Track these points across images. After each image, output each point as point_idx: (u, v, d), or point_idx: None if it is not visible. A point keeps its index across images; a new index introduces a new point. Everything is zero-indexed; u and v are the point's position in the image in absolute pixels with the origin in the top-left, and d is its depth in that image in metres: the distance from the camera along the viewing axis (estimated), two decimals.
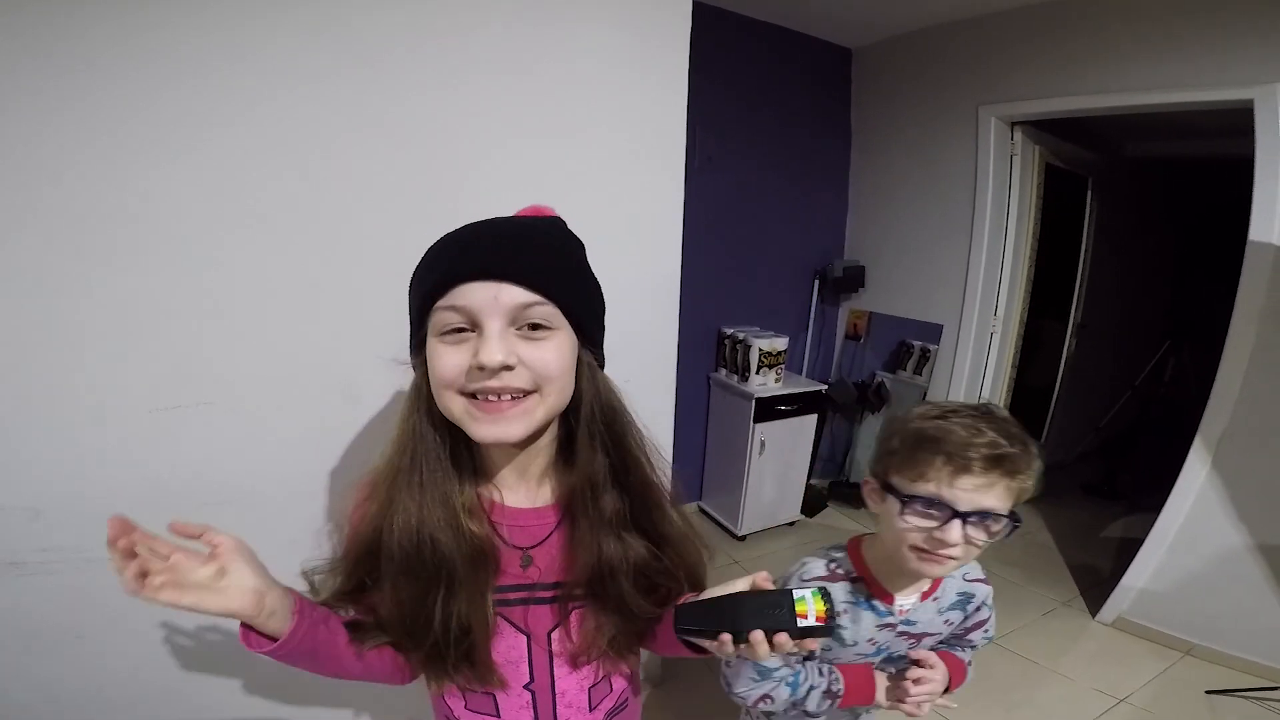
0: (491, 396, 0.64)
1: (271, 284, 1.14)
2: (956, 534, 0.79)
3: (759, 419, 2.90)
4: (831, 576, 0.97)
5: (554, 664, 0.79)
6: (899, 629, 0.96)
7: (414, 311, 0.69)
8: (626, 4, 1.40)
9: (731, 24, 2.87)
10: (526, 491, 0.77)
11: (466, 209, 1.24)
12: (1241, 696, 2.01)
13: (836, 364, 3.63)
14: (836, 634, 0.94)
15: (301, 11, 1.09)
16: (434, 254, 0.68)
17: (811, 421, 3.10)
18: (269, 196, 1.11)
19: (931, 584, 0.96)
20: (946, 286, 3.06)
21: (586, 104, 1.39)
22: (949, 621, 1.00)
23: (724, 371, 3.10)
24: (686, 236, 1.61)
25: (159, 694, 1.20)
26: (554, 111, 1.35)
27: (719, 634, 0.64)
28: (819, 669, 0.98)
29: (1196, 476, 2.23)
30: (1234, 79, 2.07)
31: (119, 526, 0.59)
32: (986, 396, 3.10)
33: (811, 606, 0.63)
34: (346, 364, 1.22)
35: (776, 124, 3.12)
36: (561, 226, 0.74)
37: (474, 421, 0.65)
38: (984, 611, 1.02)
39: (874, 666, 1.01)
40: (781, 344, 2.94)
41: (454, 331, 0.64)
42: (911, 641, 0.99)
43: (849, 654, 0.97)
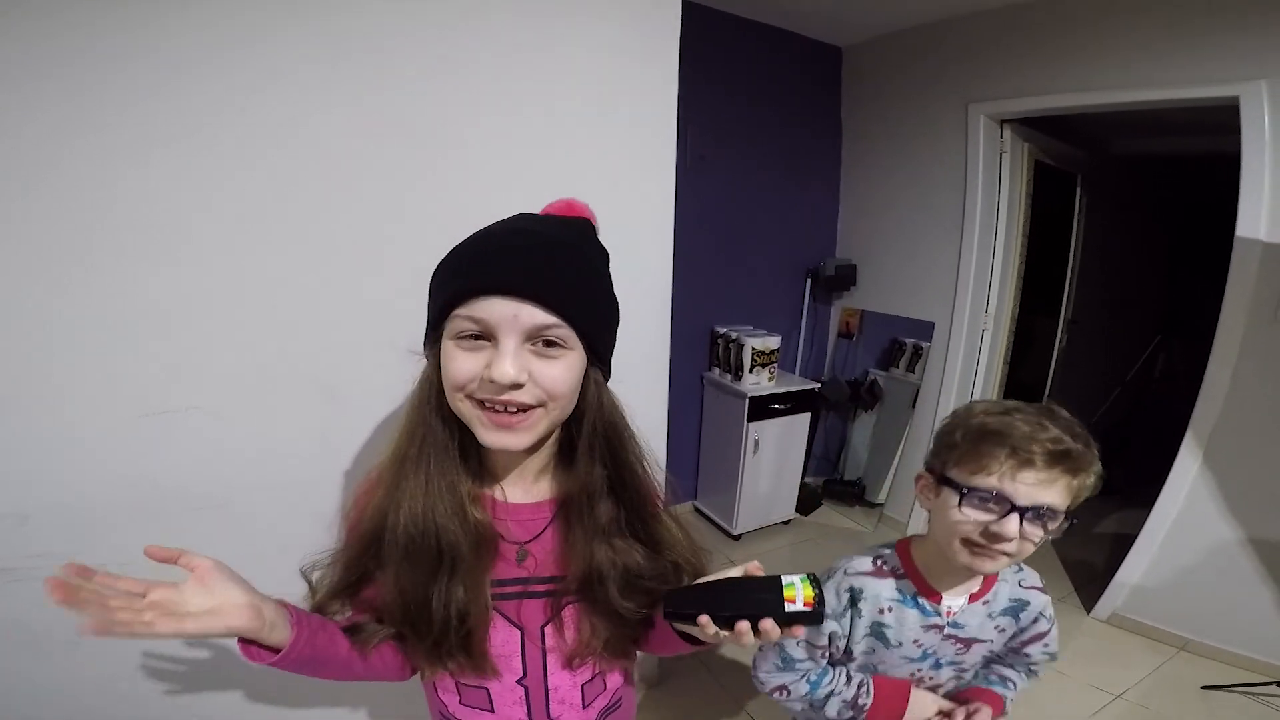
0: (498, 408, 0.65)
1: (259, 287, 1.12)
2: (1013, 528, 0.78)
3: (753, 418, 2.90)
4: (878, 572, 0.96)
5: (546, 659, 0.80)
6: (946, 631, 0.94)
7: (433, 309, 0.69)
8: (616, 3, 1.39)
9: (722, 23, 2.86)
10: (523, 488, 0.78)
11: (454, 209, 1.24)
12: (1237, 691, 2.02)
13: (829, 362, 3.63)
14: (881, 632, 0.93)
15: (291, 7, 1.08)
16: (459, 258, 0.68)
17: (805, 420, 3.10)
18: (255, 198, 1.10)
19: (982, 586, 0.94)
20: (938, 284, 3.07)
21: (577, 103, 1.38)
22: (1000, 629, 0.97)
23: (717, 371, 3.10)
24: (678, 236, 1.60)
25: (157, 698, 1.19)
26: (544, 111, 1.34)
27: (698, 616, 0.63)
28: (849, 675, 0.96)
29: (1188, 471, 2.24)
30: (1220, 76, 2.08)
31: (71, 574, 0.60)
32: (979, 393, 3.11)
33: (800, 592, 0.63)
34: (334, 366, 1.20)
35: (768, 123, 3.12)
36: (590, 236, 0.75)
37: (482, 428, 0.67)
38: (1043, 623, 0.99)
39: (918, 677, 0.98)
40: (774, 343, 2.94)
41: (470, 338, 0.65)
42: (960, 647, 0.96)
43: (895, 655, 0.95)
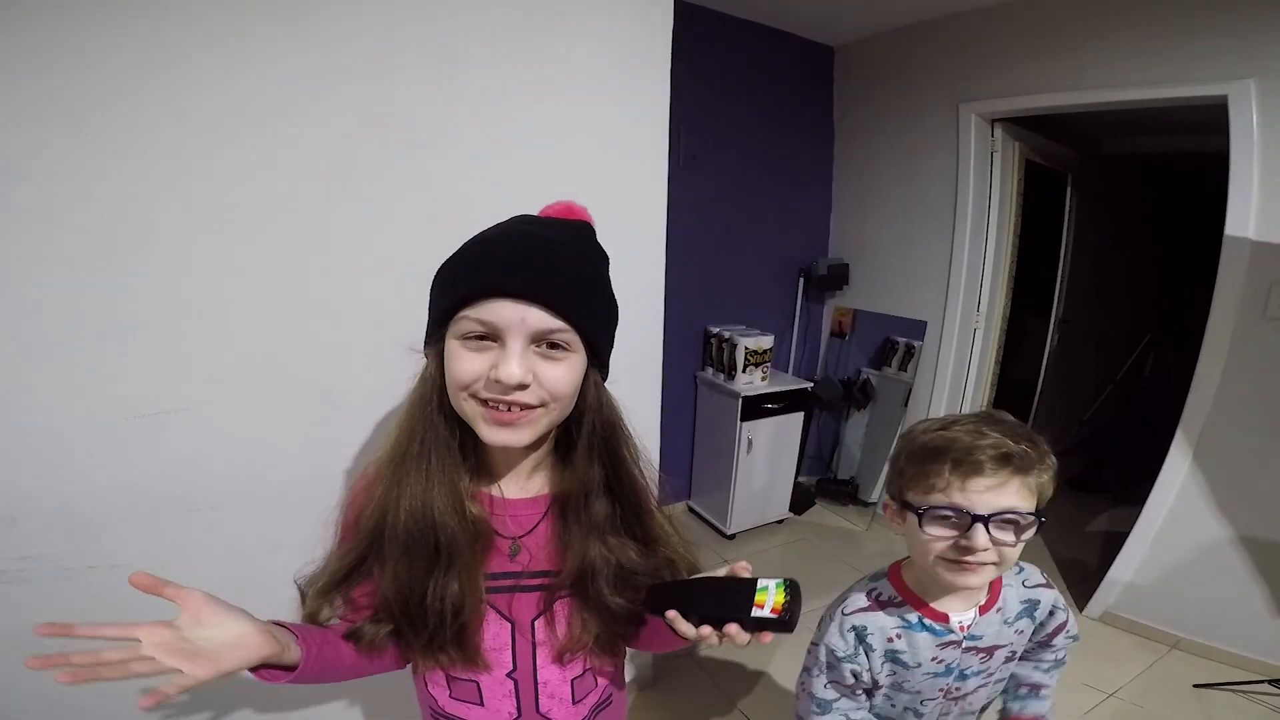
0: (501, 407, 0.67)
1: (248, 286, 1.11)
2: (982, 538, 0.77)
3: (746, 417, 2.90)
4: (874, 605, 0.95)
5: (537, 653, 0.80)
6: (965, 645, 0.93)
7: (437, 310, 0.70)
8: (609, 2, 1.39)
9: (714, 22, 2.85)
10: (518, 483, 0.79)
11: (445, 208, 1.23)
12: (1229, 690, 2.03)
13: (822, 362, 3.63)
14: (897, 659, 0.93)
15: (282, 3, 1.07)
16: (466, 260, 0.69)
17: (798, 419, 3.10)
18: (245, 196, 1.09)
19: (989, 596, 0.94)
20: (930, 283, 3.07)
21: (569, 102, 1.37)
22: (1019, 631, 0.97)
23: (710, 370, 3.09)
24: (671, 236, 1.60)
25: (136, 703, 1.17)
26: (536, 110, 1.33)
27: (668, 611, 0.64)
28: None
29: (1179, 470, 2.24)
30: (1209, 75, 2.09)
31: (53, 634, 0.59)
32: (970, 392, 3.12)
33: (771, 597, 0.62)
34: (325, 366, 1.20)
35: (760, 123, 3.12)
36: (591, 239, 0.77)
37: (485, 425, 0.68)
38: (1060, 615, 1.01)
39: (946, 689, 0.97)
40: (767, 342, 2.94)
41: (476, 338, 0.66)
42: (984, 656, 0.95)
43: (917, 674, 0.94)
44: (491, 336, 0.65)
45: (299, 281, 1.15)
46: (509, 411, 0.67)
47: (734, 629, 0.62)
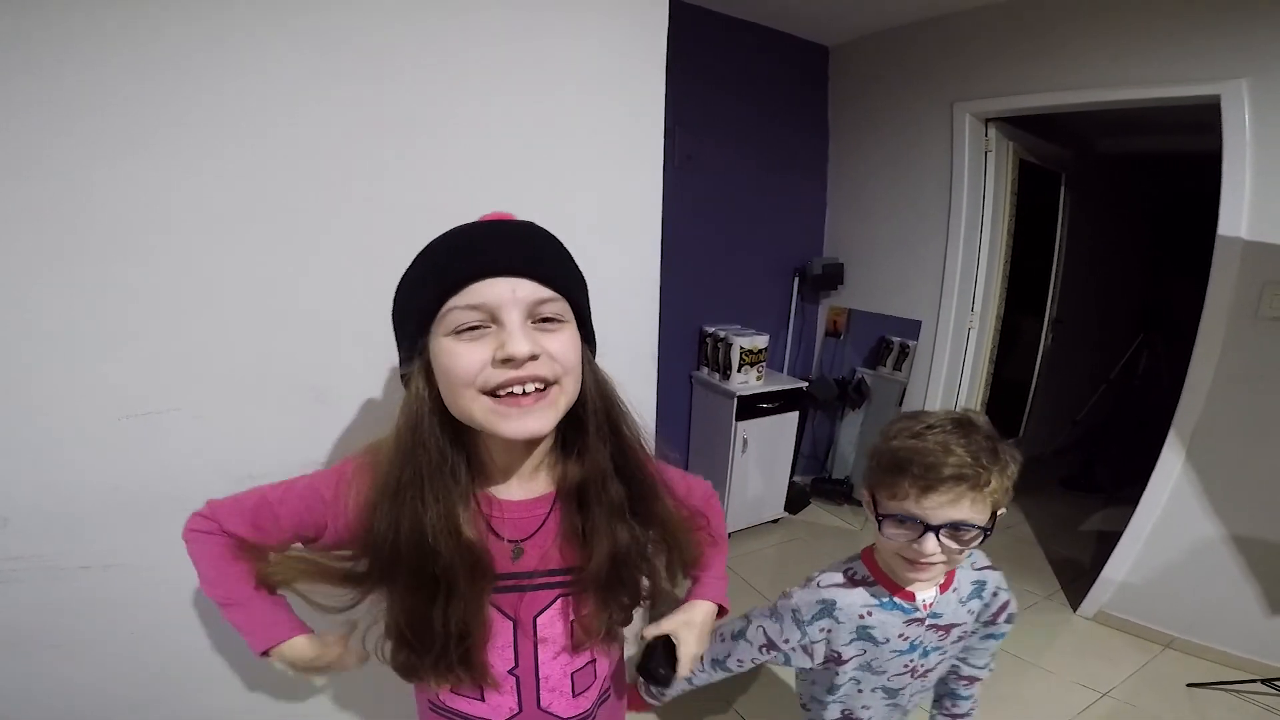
0: (515, 390, 0.65)
1: (241, 285, 1.10)
2: (931, 546, 0.87)
3: (741, 417, 2.90)
4: (849, 583, 1.04)
5: (539, 650, 0.80)
6: (928, 623, 1.01)
7: (414, 317, 0.68)
8: (604, 3, 1.38)
9: (709, 22, 2.85)
10: (521, 484, 0.78)
11: (440, 207, 1.22)
12: (1222, 689, 2.03)
13: (817, 361, 3.64)
14: (868, 633, 1.01)
15: (277, 6, 1.07)
16: (437, 257, 0.68)
17: (793, 419, 3.10)
18: (237, 195, 1.07)
19: (946, 577, 1.02)
20: (924, 283, 3.08)
21: (563, 102, 1.36)
22: (971, 611, 1.05)
23: (706, 370, 3.09)
24: (666, 235, 1.59)
25: (143, 700, 1.18)
26: (531, 109, 1.33)
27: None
28: None
29: (1172, 469, 2.25)
30: (1201, 75, 2.10)
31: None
32: (965, 392, 3.13)
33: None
34: (319, 365, 1.19)
35: (755, 122, 3.11)
36: (542, 228, 0.75)
37: (501, 420, 0.65)
38: (1002, 595, 1.07)
39: (911, 667, 1.05)
40: (762, 342, 2.94)
41: (469, 329, 0.64)
42: (942, 634, 1.03)
43: (886, 651, 1.02)
44: (486, 321, 0.64)
45: (292, 280, 1.15)
46: (525, 396, 0.65)
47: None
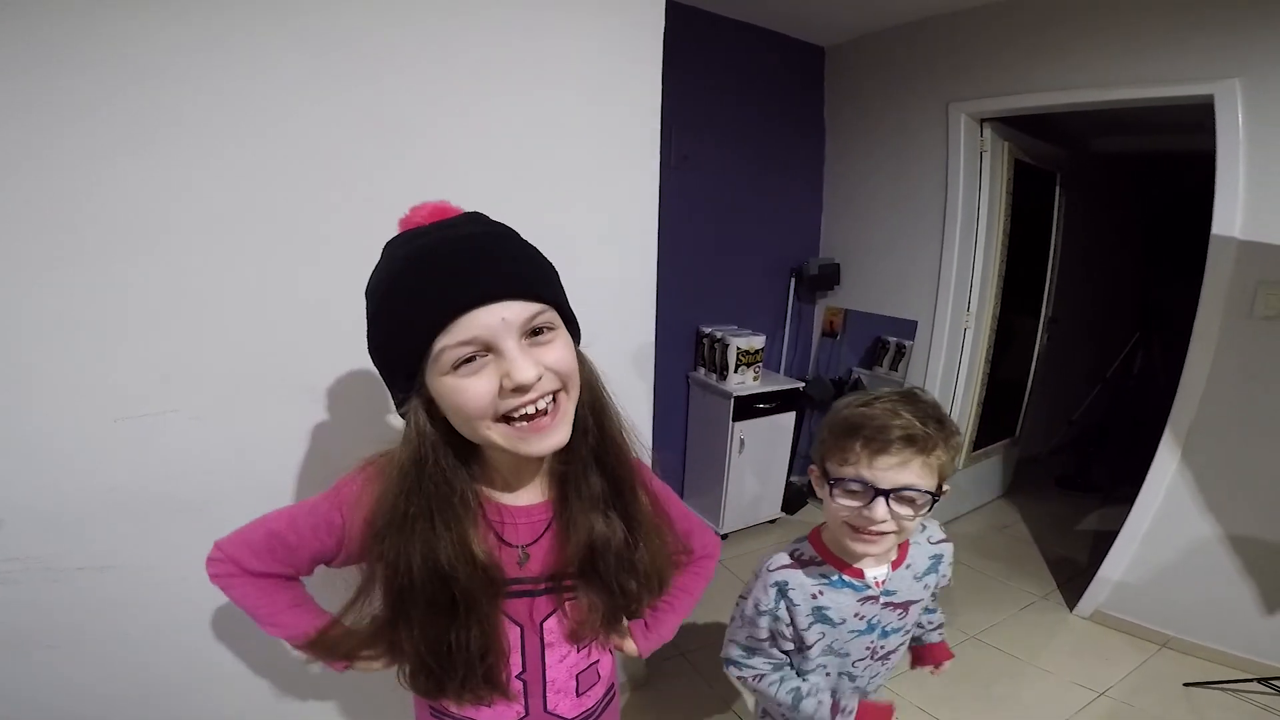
0: (529, 410, 0.64)
1: (238, 287, 1.11)
2: (881, 510, 0.87)
3: (738, 417, 2.90)
4: (796, 563, 1.02)
5: (545, 653, 0.81)
6: (883, 600, 1.01)
7: (403, 363, 0.65)
8: (601, 4, 1.39)
9: (705, 23, 2.85)
10: (526, 489, 0.79)
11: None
12: (1219, 688, 2.03)
13: (814, 361, 3.64)
14: (824, 614, 0.99)
15: (274, 2, 1.07)
16: (406, 293, 0.63)
17: (790, 419, 3.10)
18: (234, 197, 1.08)
19: (899, 553, 1.02)
20: (920, 283, 3.08)
21: (560, 103, 1.37)
22: (926, 586, 1.05)
23: (702, 370, 3.09)
24: (663, 236, 1.60)
25: (136, 700, 1.18)
26: (528, 111, 1.33)
27: None
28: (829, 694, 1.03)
29: (1167, 468, 2.25)
30: (1195, 75, 2.10)
31: None
32: (960, 391, 3.13)
33: None
34: (312, 368, 1.19)
35: (752, 123, 3.11)
36: (495, 221, 0.71)
37: (522, 442, 0.66)
38: (944, 566, 1.08)
39: (873, 648, 1.04)
40: (759, 342, 2.94)
41: (466, 362, 0.62)
42: (900, 611, 1.03)
43: (844, 631, 1.01)
44: (481, 352, 0.62)
45: (289, 281, 1.15)
46: (542, 416, 0.65)
47: None
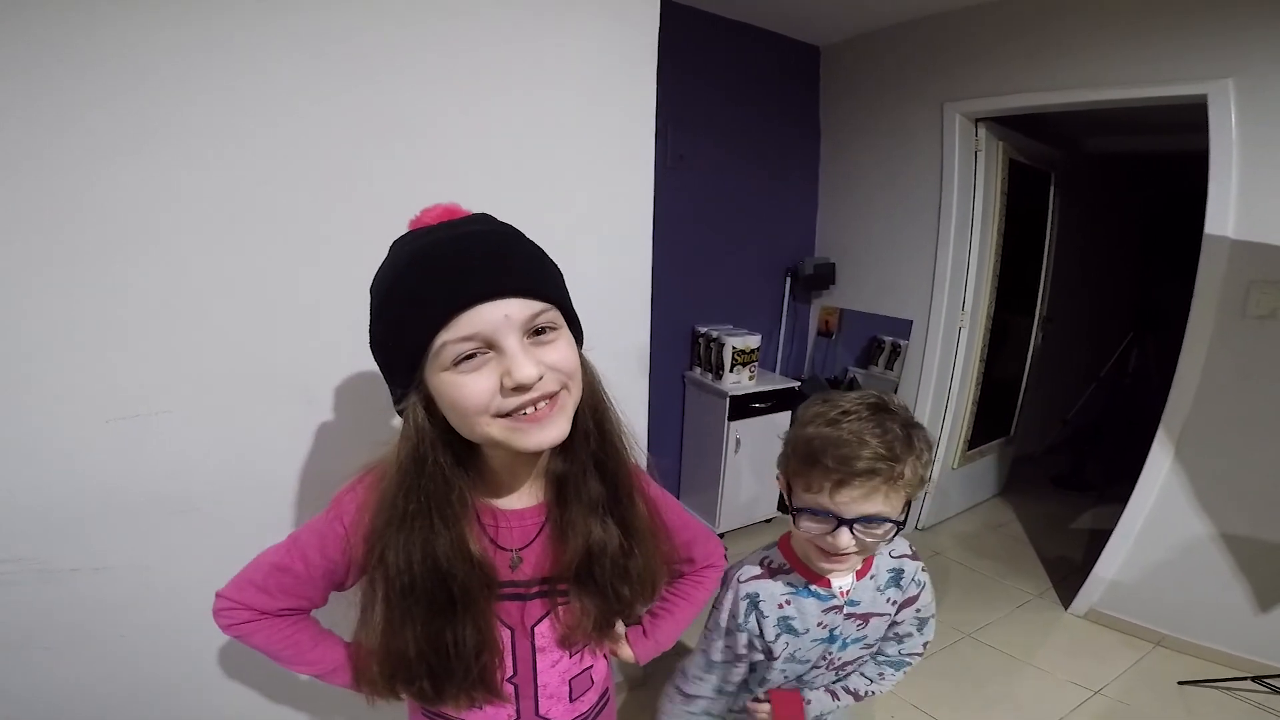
0: (530, 409, 0.64)
1: (231, 288, 1.10)
2: (845, 540, 0.85)
3: (734, 417, 2.90)
4: (766, 573, 1.01)
5: (536, 658, 0.80)
6: (845, 610, 1.00)
7: (403, 358, 0.65)
8: (596, 3, 1.38)
9: (701, 22, 2.85)
10: (519, 493, 0.78)
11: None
12: (1213, 687, 2.04)
13: (809, 361, 3.64)
14: (789, 624, 0.99)
15: (271, 3, 1.06)
16: (413, 291, 0.63)
17: (785, 419, 3.09)
18: (228, 197, 1.07)
19: (864, 563, 1.00)
20: (915, 282, 3.08)
21: (555, 102, 1.36)
22: (890, 600, 1.03)
23: (698, 370, 3.09)
24: (658, 235, 1.59)
25: (129, 705, 1.17)
26: (523, 111, 1.33)
27: None
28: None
29: (1160, 467, 2.26)
30: (1188, 75, 2.11)
31: None
32: (955, 390, 3.14)
33: None
34: (310, 368, 1.19)
35: (747, 122, 3.11)
36: (502, 222, 0.71)
37: (521, 436, 0.65)
38: (913, 588, 1.05)
39: (830, 659, 1.04)
40: (754, 342, 2.94)
41: (467, 359, 0.62)
42: (860, 623, 1.02)
43: (805, 641, 1.00)
44: (482, 349, 0.62)
45: (284, 282, 1.15)
46: (538, 410, 0.65)
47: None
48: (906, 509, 0.87)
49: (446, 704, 0.76)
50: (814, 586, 0.99)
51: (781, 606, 0.99)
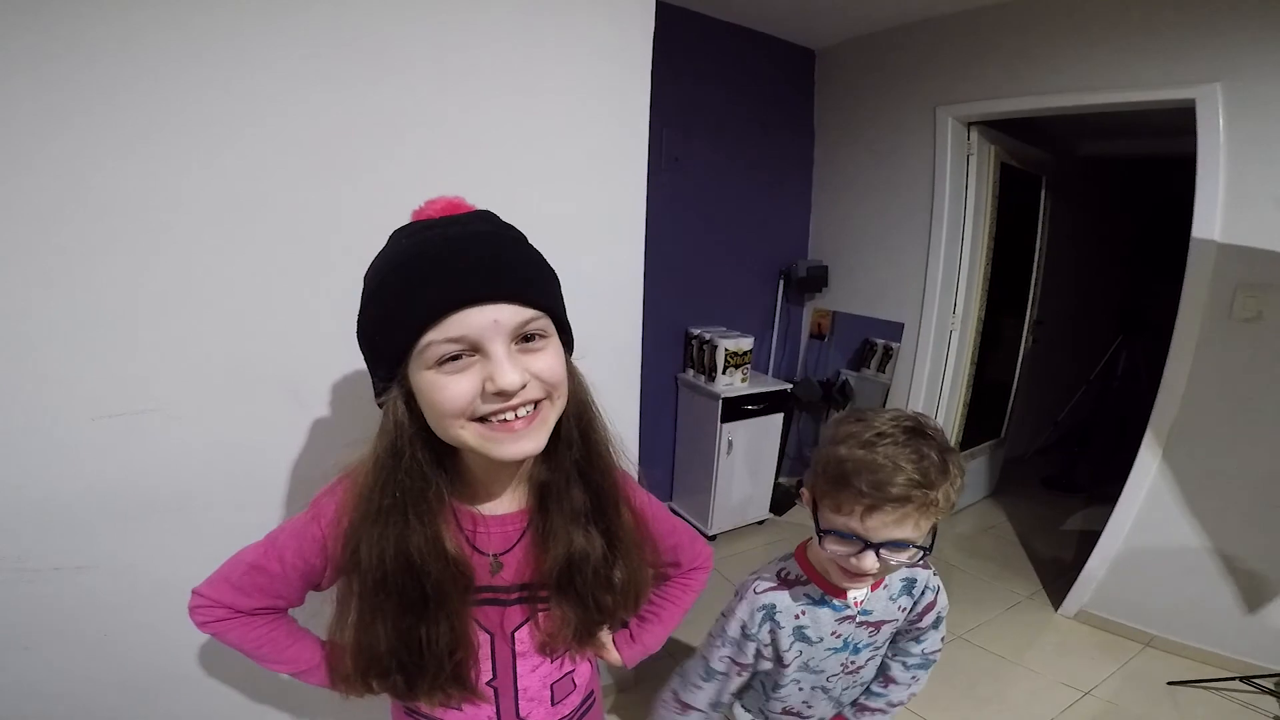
0: (507, 416, 0.63)
1: (219, 285, 1.09)
2: (870, 563, 0.85)
3: (726, 419, 2.90)
4: (783, 584, 1.02)
5: (516, 661, 0.80)
6: (858, 620, 1.01)
7: (388, 350, 0.64)
8: (591, 5, 1.38)
9: (696, 24, 2.85)
10: (502, 499, 0.77)
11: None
12: (1201, 687, 2.05)
13: (802, 363, 3.65)
14: (803, 634, 0.99)
15: (268, 2, 1.06)
16: (404, 286, 0.61)
17: (778, 421, 3.11)
18: (218, 195, 1.06)
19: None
20: (907, 285, 3.10)
21: (549, 104, 1.36)
22: (902, 609, 1.04)
23: (691, 372, 3.09)
24: (651, 237, 1.59)
25: (110, 706, 1.16)
26: (517, 112, 1.32)
27: None
28: None
29: (1149, 469, 2.27)
30: (1177, 79, 2.13)
31: None
32: (946, 393, 3.15)
33: None
34: (292, 367, 1.18)
35: (742, 125, 3.12)
36: (501, 220, 0.71)
37: (495, 444, 0.64)
38: (929, 595, 1.05)
39: (843, 663, 1.04)
40: (747, 344, 2.94)
41: (451, 359, 0.61)
42: (872, 630, 1.03)
43: (820, 649, 1.01)
44: (468, 351, 0.61)
45: (271, 281, 1.14)
46: (517, 419, 0.64)
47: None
48: (933, 533, 0.86)
49: (420, 700, 0.76)
50: (829, 598, 0.99)
51: (797, 617, 0.99)
